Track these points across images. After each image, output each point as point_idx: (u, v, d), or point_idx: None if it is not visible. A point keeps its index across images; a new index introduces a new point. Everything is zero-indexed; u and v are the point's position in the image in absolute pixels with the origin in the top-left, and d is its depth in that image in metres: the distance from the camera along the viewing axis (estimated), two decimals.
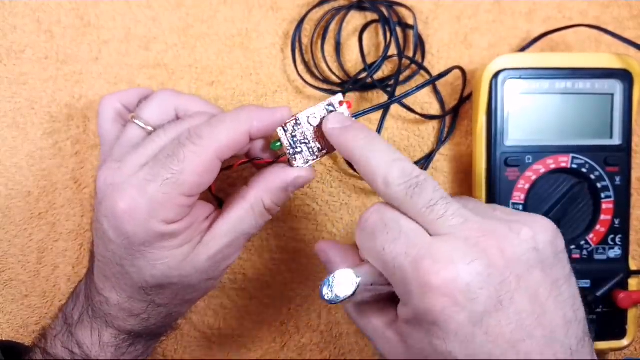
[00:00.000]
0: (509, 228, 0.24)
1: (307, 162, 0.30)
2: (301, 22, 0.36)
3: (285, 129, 0.29)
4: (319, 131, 0.29)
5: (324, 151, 0.30)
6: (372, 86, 0.36)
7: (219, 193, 0.35)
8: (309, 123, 0.29)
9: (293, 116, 0.29)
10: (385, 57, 0.35)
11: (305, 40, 0.37)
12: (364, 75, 0.36)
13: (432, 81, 0.34)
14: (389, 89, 0.36)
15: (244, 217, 0.29)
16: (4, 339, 0.37)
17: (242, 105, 0.29)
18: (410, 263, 0.23)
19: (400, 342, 0.25)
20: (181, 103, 0.30)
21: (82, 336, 0.30)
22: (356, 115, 0.31)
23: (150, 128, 0.29)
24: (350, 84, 0.36)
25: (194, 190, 0.27)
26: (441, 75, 0.34)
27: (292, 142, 0.29)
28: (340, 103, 0.30)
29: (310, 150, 0.30)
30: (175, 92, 0.31)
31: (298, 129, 0.29)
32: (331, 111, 0.29)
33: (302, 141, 0.29)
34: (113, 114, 0.31)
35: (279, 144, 0.30)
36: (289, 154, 0.29)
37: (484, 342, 0.22)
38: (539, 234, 0.24)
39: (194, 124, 0.28)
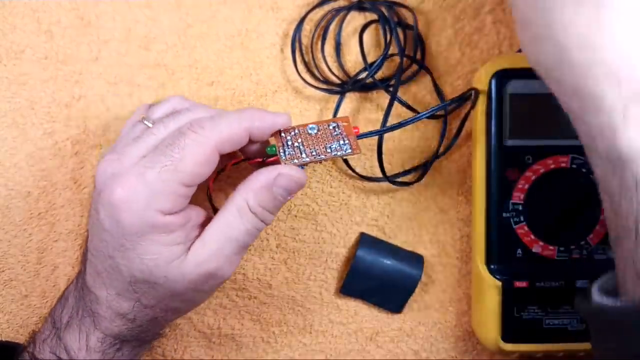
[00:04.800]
0: None
1: (297, 162, 0.29)
2: (301, 22, 0.36)
3: (282, 134, 0.29)
4: (316, 139, 0.30)
5: (319, 156, 0.29)
6: (373, 86, 0.36)
7: (217, 201, 0.35)
8: (307, 132, 0.30)
9: (293, 127, 0.30)
10: (386, 56, 0.35)
11: (305, 41, 0.37)
12: (364, 75, 0.36)
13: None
14: (390, 89, 0.36)
15: (231, 221, 0.28)
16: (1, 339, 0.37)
17: (245, 107, 0.30)
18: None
19: None
20: (188, 106, 0.31)
21: (69, 340, 0.30)
22: (375, 132, 0.32)
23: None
24: (351, 84, 0.36)
25: (192, 180, 0.27)
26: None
27: (286, 145, 0.29)
28: (346, 121, 0.30)
29: (304, 153, 0.29)
30: (186, 99, 0.32)
31: (294, 136, 0.30)
32: (337, 134, 0.30)
33: (297, 146, 0.30)
34: (137, 118, 0.32)
35: (274, 148, 0.30)
36: (281, 154, 0.29)
37: None
38: None
39: (195, 116, 0.29)
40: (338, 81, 0.37)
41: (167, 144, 0.27)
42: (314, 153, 0.29)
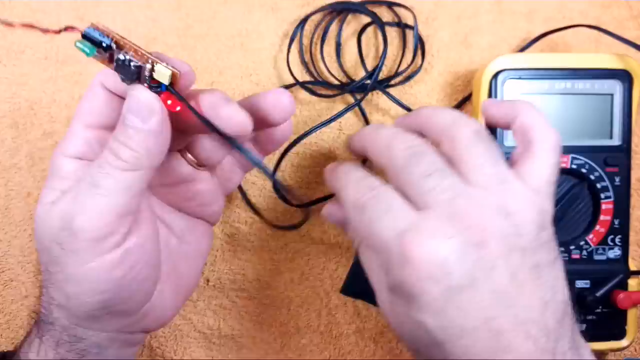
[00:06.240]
0: (496, 207, 0.24)
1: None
2: (302, 23, 0.36)
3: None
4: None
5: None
6: (371, 88, 0.36)
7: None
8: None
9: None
10: (382, 65, 0.35)
11: (305, 41, 0.37)
12: (363, 74, 0.36)
13: None
14: (387, 90, 0.36)
15: (90, 159, 0.27)
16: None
17: None
18: (395, 236, 0.24)
19: (389, 302, 0.26)
20: None
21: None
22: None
23: None
24: (350, 85, 0.36)
25: (87, 119, 0.27)
26: None
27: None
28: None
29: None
30: None
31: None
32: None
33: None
34: None
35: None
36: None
37: (456, 316, 0.23)
38: (525, 220, 0.24)
39: None
40: (337, 82, 0.37)
41: None
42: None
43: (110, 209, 0.25)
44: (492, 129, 0.33)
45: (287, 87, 0.36)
